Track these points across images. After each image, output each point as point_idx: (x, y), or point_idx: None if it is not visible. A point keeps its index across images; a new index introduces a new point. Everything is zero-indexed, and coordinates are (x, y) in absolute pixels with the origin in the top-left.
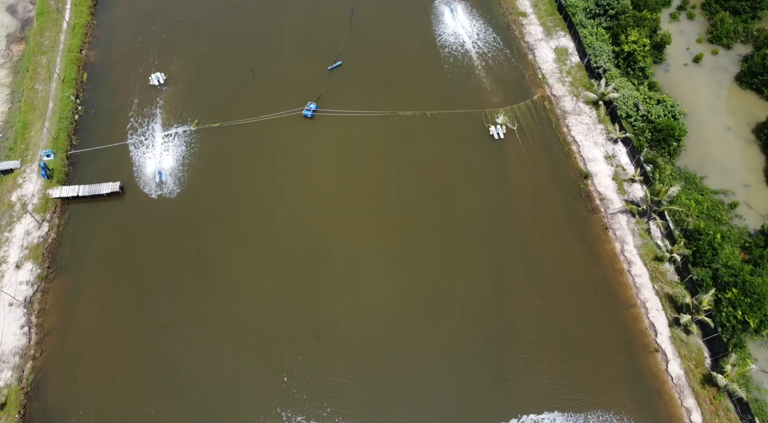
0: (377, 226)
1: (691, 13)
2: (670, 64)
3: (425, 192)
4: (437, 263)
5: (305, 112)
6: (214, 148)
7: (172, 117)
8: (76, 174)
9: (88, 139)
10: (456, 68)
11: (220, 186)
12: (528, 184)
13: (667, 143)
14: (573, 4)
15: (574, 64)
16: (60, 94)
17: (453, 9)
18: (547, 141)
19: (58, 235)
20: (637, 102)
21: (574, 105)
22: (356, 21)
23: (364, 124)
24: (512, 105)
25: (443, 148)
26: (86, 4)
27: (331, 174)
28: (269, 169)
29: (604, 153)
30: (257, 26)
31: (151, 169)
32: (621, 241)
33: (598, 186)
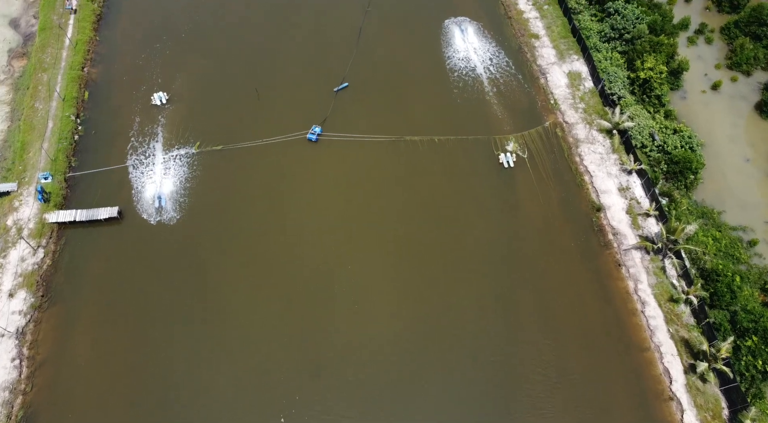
0: (382, 258)
1: (709, 37)
2: (687, 91)
3: (432, 223)
4: (443, 298)
5: (310, 136)
6: (216, 172)
7: (173, 139)
8: (74, 197)
9: (88, 161)
10: (466, 93)
11: (221, 213)
12: (538, 216)
13: (684, 176)
14: (587, 27)
15: (587, 90)
16: (60, 114)
17: (463, 29)
18: (558, 170)
19: (54, 261)
20: (652, 132)
21: (587, 133)
22: (364, 41)
23: (370, 149)
24: (523, 132)
25: (451, 176)
26: (90, 20)
27: (335, 202)
28: (272, 196)
29: (618, 185)
30: (264, 44)
31: (150, 194)
32: (634, 279)
33: (611, 220)
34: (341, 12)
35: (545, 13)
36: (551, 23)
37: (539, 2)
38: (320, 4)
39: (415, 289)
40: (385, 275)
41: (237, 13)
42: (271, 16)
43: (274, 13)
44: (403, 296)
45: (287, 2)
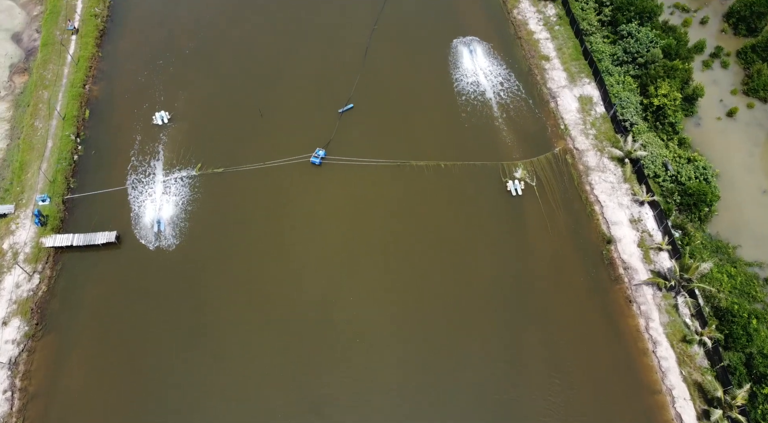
0: (384, 290)
1: (725, 61)
2: (701, 118)
3: (437, 255)
4: (447, 334)
5: (313, 159)
6: (217, 195)
7: (174, 160)
8: (71, 220)
9: (87, 182)
10: (474, 117)
11: (221, 239)
12: (547, 247)
13: (698, 208)
14: (599, 50)
15: (599, 115)
16: (60, 133)
17: (472, 50)
18: (568, 199)
19: (49, 288)
20: (666, 162)
21: (597, 161)
22: (370, 60)
23: (375, 174)
24: (532, 158)
25: (457, 204)
26: (92, 35)
27: (337, 230)
28: (273, 222)
29: (629, 216)
30: (268, 63)
31: (149, 218)
32: (646, 317)
33: (621, 253)
34: (348, 30)
35: (556, 34)
36: (562, 45)
37: (550, 23)
38: (327, 22)
39: (418, 325)
40: (388, 309)
41: (242, 30)
42: (277, 33)
43: (280, 30)
44: (406, 331)
45: (294, 20)
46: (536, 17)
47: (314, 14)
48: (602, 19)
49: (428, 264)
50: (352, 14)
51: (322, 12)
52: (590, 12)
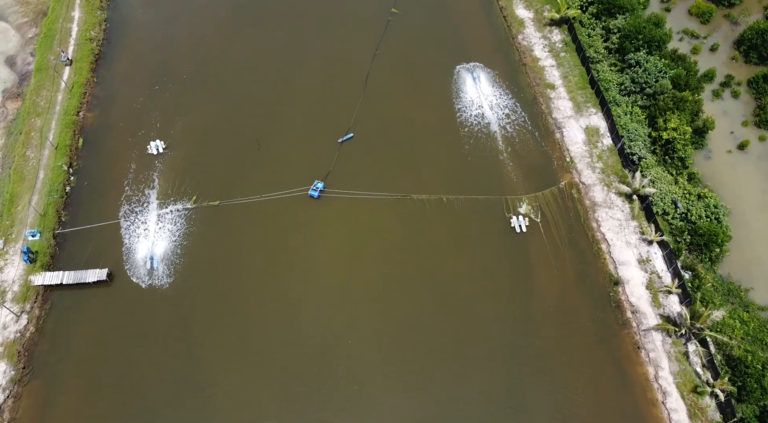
0: (384, 333)
1: (735, 90)
2: (711, 150)
3: (438, 293)
4: (449, 380)
5: (311, 192)
6: (212, 230)
7: (169, 191)
8: (62, 255)
9: (79, 215)
10: (477, 149)
11: (216, 276)
12: (552, 288)
13: (709, 249)
14: (606, 79)
15: (605, 148)
16: (52, 163)
17: (476, 77)
18: (574, 237)
19: (38, 329)
20: (675, 199)
21: (605, 196)
22: (371, 87)
23: (375, 208)
24: (537, 192)
25: (460, 240)
26: (87, 60)
27: (336, 266)
28: (269, 259)
29: (638, 256)
30: (267, 89)
31: (142, 254)
32: (655, 364)
33: (629, 295)
34: (349, 54)
35: (562, 61)
36: (568, 72)
37: (556, 49)
38: (328, 45)
39: (419, 370)
40: (388, 354)
41: (242, 54)
42: (277, 57)
43: (280, 54)
44: (406, 376)
45: (294, 43)
46: (541, 43)
47: (315, 37)
48: (609, 47)
49: (429, 304)
50: (354, 37)
51: (322, 35)
52: (597, 39)
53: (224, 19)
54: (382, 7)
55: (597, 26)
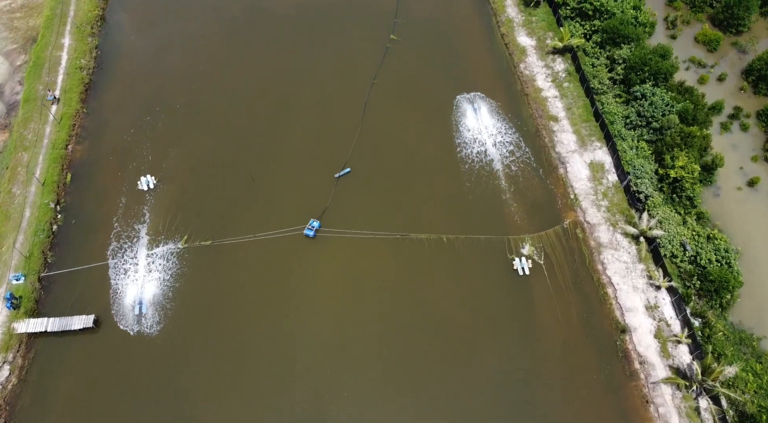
0: (383, 383)
1: (744, 123)
2: (720, 187)
3: (438, 340)
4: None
5: (307, 232)
6: (203, 271)
7: (159, 229)
8: (47, 300)
9: (66, 256)
10: (478, 185)
11: (207, 322)
12: (556, 335)
13: (720, 295)
14: (611, 111)
15: (611, 184)
16: (38, 200)
17: (476, 108)
18: (578, 281)
19: (20, 380)
20: (684, 242)
21: (610, 237)
22: (369, 118)
23: (372, 247)
24: (540, 232)
25: (460, 283)
26: (77, 90)
27: (332, 311)
28: (264, 302)
29: (645, 302)
30: (263, 120)
31: (131, 298)
32: (664, 421)
33: (637, 345)
34: (347, 83)
35: (565, 91)
36: (572, 104)
37: (559, 79)
38: (325, 74)
39: (416, 420)
40: (385, 402)
41: (236, 83)
42: (273, 87)
43: (276, 83)
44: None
45: (290, 72)
46: (544, 72)
47: (311, 66)
48: (614, 77)
49: (428, 349)
50: (351, 65)
51: (319, 63)
52: (601, 69)
53: (219, 47)
54: (380, 34)
55: (601, 56)
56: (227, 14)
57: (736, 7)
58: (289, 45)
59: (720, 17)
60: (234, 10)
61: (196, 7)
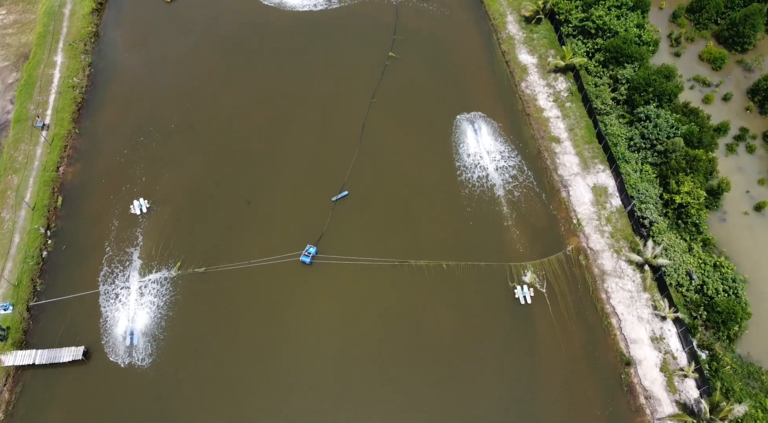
0: (380, 415)
1: (750, 145)
2: (727, 212)
3: (437, 371)
4: None
5: (303, 258)
6: (197, 300)
7: (153, 250)
8: (36, 330)
9: (56, 284)
10: (479, 210)
11: (200, 353)
12: (559, 368)
13: (727, 327)
14: (614, 133)
15: (614, 209)
16: (28, 226)
17: (477, 129)
18: (581, 310)
19: (7, 415)
20: (690, 271)
21: (614, 264)
22: (367, 139)
23: (370, 274)
24: (542, 258)
25: (460, 313)
26: (69, 110)
27: (329, 341)
28: (259, 332)
29: (650, 333)
30: (258, 140)
31: (122, 328)
32: None
33: (642, 378)
34: (344, 102)
35: (567, 112)
36: (574, 125)
37: (561, 98)
38: (322, 93)
39: None
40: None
41: (232, 102)
42: (269, 106)
43: (272, 102)
44: None
45: (286, 91)
46: (546, 91)
47: (308, 84)
48: (617, 98)
49: (427, 381)
50: (349, 84)
51: (316, 82)
52: (604, 89)
53: (215, 65)
54: (378, 51)
55: (604, 75)
56: (223, 31)
57: (742, 25)
58: (286, 62)
59: (725, 35)
60: (230, 26)
61: (192, 23)
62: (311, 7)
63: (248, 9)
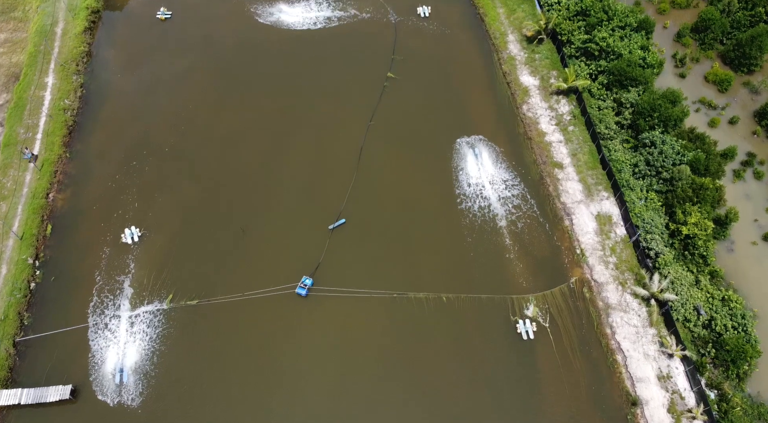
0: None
1: (758, 171)
2: (734, 242)
3: (437, 407)
4: None
5: (299, 290)
6: (189, 333)
7: (145, 281)
8: (22, 367)
9: (43, 317)
10: (480, 241)
11: (192, 390)
12: (562, 407)
13: (737, 365)
14: (618, 159)
15: (619, 239)
16: (16, 256)
17: (477, 154)
18: (586, 346)
19: None
20: (698, 306)
21: (619, 297)
22: (364, 164)
23: (368, 307)
24: (545, 290)
25: (460, 348)
26: (60, 134)
27: (325, 375)
28: (253, 367)
29: (657, 371)
30: (254, 164)
31: (111, 364)
32: None
33: (649, 420)
34: (342, 124)
35: (570, 136)
36: (577, 150)
37: (564, 122)
38: (319, 115)
39: None
40: None
41: (227, 125)
42: (265, 129)
43: (268, 125)
44: None
45: (282, 113)
46: (548, 114)
47: (305, 106)
48: (621, 122)
49: (426, 420)
50: (347, 105)
51: (313, 103)
52: (608, 112)
53: (209, 86)
54: (377, 72)
55: (608, 98)
56: (219, 50)
57: (748, 47)
58: (282, 83)
59: (731, 55)
60: (226, 46)
61: (187, 42)
62: (310, 26)
63: (244, 28)
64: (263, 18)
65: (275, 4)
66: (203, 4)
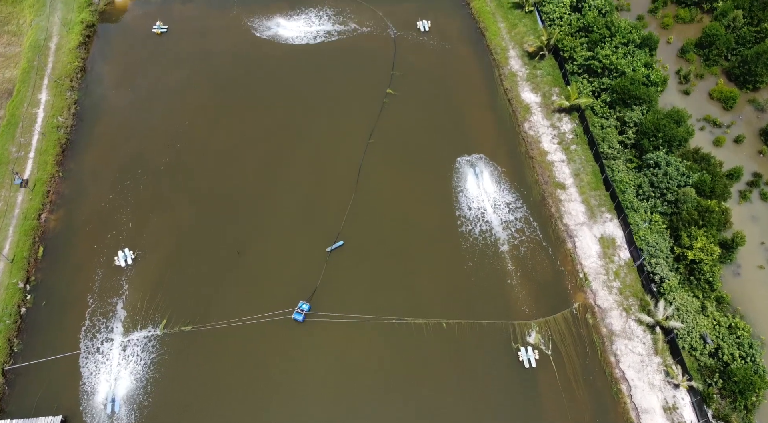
0: None
1: (765, 192)
2: (741, 266)
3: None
4: None
5: (295, 316)
6: (183, 360)
7: (138, 305)
8: (12, 396)
9: (34, 343)
10: (481, 264)
11: (187, 418)
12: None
13: (744, 397)
14: (622, 180)
15: (623, 263)
16: (6, 281)
17: (478, 173)
18: (589, 375)
19: None
20: (704, 335)
21: (623, 324)
22: (363, 183)
23: (366, 333)
24: (547, 316)
25: (460, 376)
26: (53, 152)
27: (322, 404)
28: (249, 395)
29: (662, 402)
30: (250, 183)
31: (103, 393)
32: None
33: None
34: (340, 142)
35: (573, 155)
36: (580, 170)
37: (566, 140)
38: (317, 133)
39: None
40: None
41: (223, 143)
42: (262, 147)
43: (265, 144)
44: None
45: (279, 131)
46: (550, 133)
47: (303, 123)
48: (625, 141)
49: None
50: (346, 123)
51: (311, 121)
52: (611, 131)
53: (206, 102)
54: (376, 88)
55: (611, 116)
56: (216, 65)
57: (753, 63)
58: (280, 99)
59: (736, 72)
60: (223, 60)
61: (183, 57)
62: (309, 40)
63: (242, 42)
64: (260, 32)
65: (273, 17)
66: (199, 18)
